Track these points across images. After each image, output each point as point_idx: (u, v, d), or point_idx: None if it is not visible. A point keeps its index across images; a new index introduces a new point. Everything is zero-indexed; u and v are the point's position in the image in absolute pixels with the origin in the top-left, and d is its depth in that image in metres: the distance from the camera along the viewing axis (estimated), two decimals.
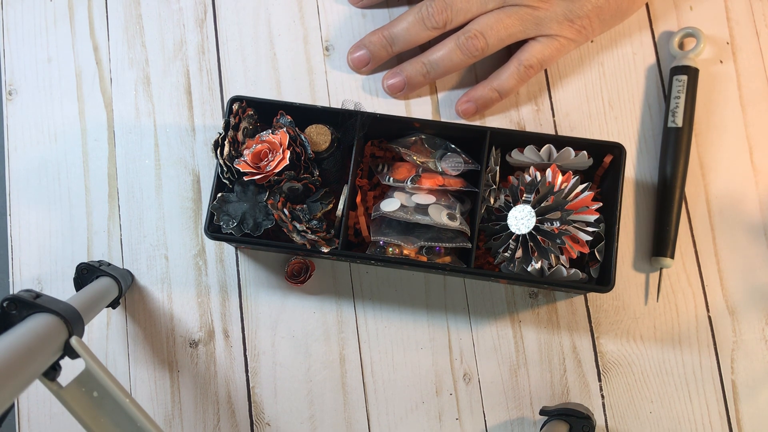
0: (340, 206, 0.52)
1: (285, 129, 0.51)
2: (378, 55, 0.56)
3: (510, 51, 0.56)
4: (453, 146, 0.53)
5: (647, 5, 0.58)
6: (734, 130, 0.56)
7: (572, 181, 0.50)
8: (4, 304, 0.40)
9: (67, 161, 0.59)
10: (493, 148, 0.52)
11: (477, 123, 0.57)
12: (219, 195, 0.51)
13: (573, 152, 0.50)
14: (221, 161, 0.50)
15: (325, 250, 0.49)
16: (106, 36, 0.60)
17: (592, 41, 0.58)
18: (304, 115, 0.52)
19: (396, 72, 0.57)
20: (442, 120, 0.57)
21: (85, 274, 0.54)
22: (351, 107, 0.56)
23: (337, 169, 0.53)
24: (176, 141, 0.59)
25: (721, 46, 0.57)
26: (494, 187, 0.52)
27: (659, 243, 0.54)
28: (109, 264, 0.56)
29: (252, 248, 0.56)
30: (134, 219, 0.58)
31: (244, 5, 0.60)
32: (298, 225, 0.50)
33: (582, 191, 0.49)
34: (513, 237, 0.50)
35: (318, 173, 0.52)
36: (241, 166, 0.50)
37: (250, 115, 0.52)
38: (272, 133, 0.51)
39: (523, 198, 0.50)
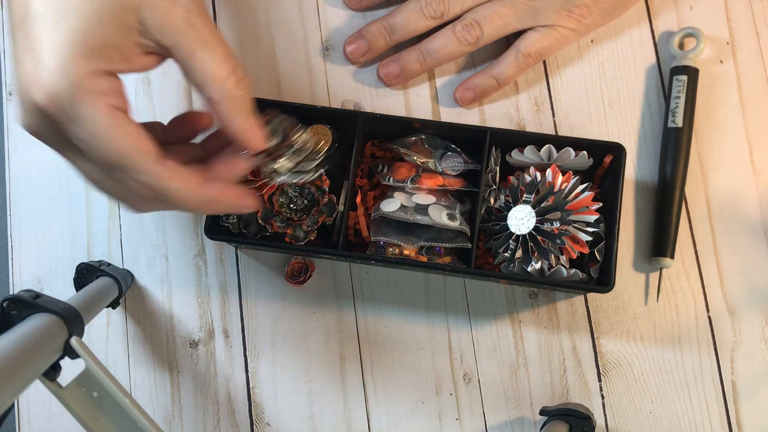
0: (340, 206, 0.52)
1: None
2: (376, 44, 0.56)
3: (509, 42, 0.56)
4: (453, 146, 0.53)
5: (647, 6, 0.58)
6: (734, 130, 0.56)
7: (572, 182, 0.50)
8: (4, 304, 0.40)
9: None
10: (493, 148, 0.52)
11: (477, 123, 0.57)
12: None
13: (573, 152, 0.50)
14: None
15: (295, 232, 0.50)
16: None
17: (592, 41, 0.58)
18: (304, 115, 0.52)
19: (392, 59, 0.57)
20: (443, 120, 0.57)
21: (85, 274, 0.54)
22: (351, 107, 0.56)
23: (337, 169, 0.53)
24: None
25: (721, 46, 0.57)
26: (494, 187, 0.52)
27: (659, 243, 0.54)
28: (109, 264, 0.56)
29: (252, 248, 0.56)
30: (134, 219, 0.58)
31: (244, 5, 0.60)
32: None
33: (582, 191, 0.49)
34: (513, 237, 0.50)
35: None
36: None
37: None
38: None
39: (523, 198, 0.50)
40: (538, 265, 0.49)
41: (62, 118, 0.33)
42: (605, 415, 0.54)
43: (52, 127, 0.34)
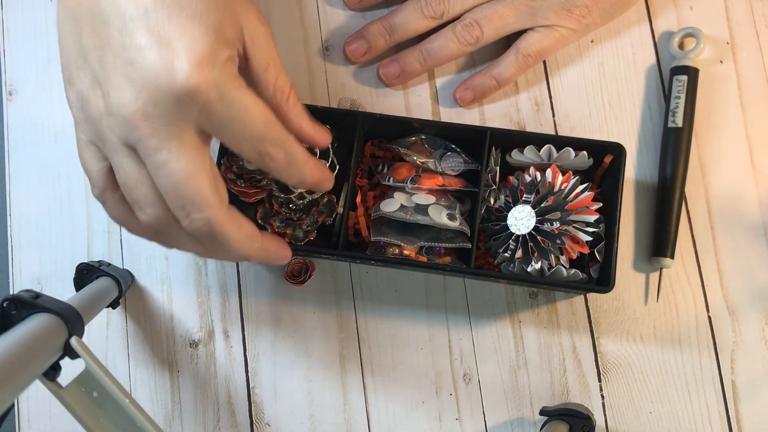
0: (340, 206, 0.52)
1: None
2: (376, 45, 0.56)
3: (509, 42, 0.56)
4: (453, 146, 0.53)
5: (647, 6, 0.58)
6: (734, 130, 0.56)
7: (572, 182, 0.50)
8: (4, 304, 0.40)
9: (68, 161, 0.59)
10: (493, 148, 0.52)
11: (477, 123, 0.57)
12: None
13: (573, 152, 0.50)
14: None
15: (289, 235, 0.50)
16: None
17: (592, 41, 0.58)
18: None
19: (392, 59, 0.57)
20: (443, 120, 0.57)
21: (85, 274, 0.54)
22: (347, 105, 0.56)
23: (336, 169, 0.53)
24: None
25: (721, 46, 0.57)
26: (494, 187, 0.52)
27: (659, 243, 0.54)
28: (109, 264, 0.56)
29: None
30: None
31: None
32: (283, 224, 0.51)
33: (582, 191, 0.49)
34: (513, 237, 0.50)
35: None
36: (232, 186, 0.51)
37: None
38: None
39: (523, 198, 0.50)
40: (538, 265, 0.49)
41: (215, 97, 0.36)
42: (605, 415, 0.54)
43: (190, 112, 0.36)
